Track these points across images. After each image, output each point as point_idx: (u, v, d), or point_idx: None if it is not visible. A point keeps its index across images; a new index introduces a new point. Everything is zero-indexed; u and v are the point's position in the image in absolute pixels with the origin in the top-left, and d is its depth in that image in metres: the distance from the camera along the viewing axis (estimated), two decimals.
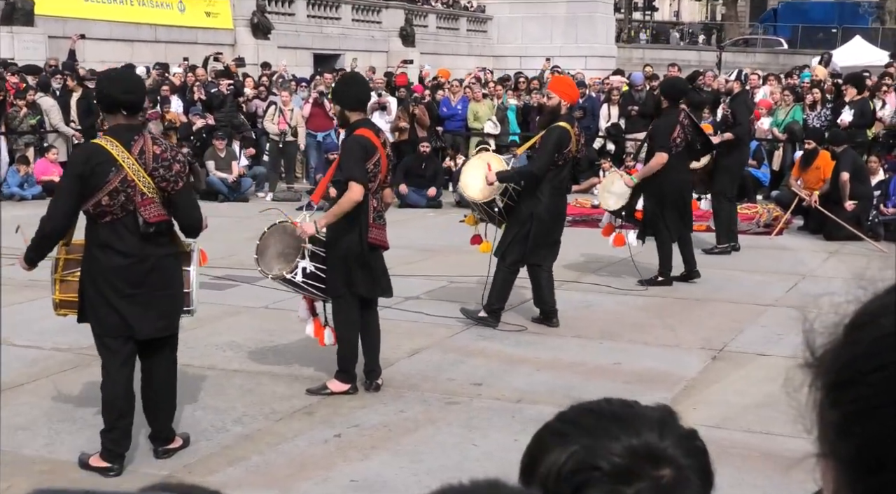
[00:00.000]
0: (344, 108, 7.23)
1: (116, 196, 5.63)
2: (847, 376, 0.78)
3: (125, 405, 5.91)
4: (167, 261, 5.92)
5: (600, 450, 1.22)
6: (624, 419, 1.26)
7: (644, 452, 1.22)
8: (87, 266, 5.81)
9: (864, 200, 14.06)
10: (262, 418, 6.79)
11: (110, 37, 25.27)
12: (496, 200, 8.90)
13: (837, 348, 0.80)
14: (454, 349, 8.42)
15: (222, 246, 10.94)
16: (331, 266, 7.13)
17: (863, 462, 0.76)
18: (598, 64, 34.64)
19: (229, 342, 8.56)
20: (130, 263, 5.74)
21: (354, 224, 7.04)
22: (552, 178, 8.84)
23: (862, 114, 16.97)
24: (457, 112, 20.12)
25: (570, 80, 11.06)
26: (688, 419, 4.62)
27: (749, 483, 5.59)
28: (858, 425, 0.76)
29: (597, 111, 20.23)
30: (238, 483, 5.76)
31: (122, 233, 5.72)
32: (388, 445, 6.30)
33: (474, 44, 38.25)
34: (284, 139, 18.56)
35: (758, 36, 49.77)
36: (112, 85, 5.83)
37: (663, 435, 1.24)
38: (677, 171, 10.77)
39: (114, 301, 5.75)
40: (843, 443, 0.78)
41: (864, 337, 0.78)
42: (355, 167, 6.96)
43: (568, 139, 8.86)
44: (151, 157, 5.70)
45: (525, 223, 8.85)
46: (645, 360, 8.12)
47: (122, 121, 5.76)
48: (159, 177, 5.72)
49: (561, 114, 8.97)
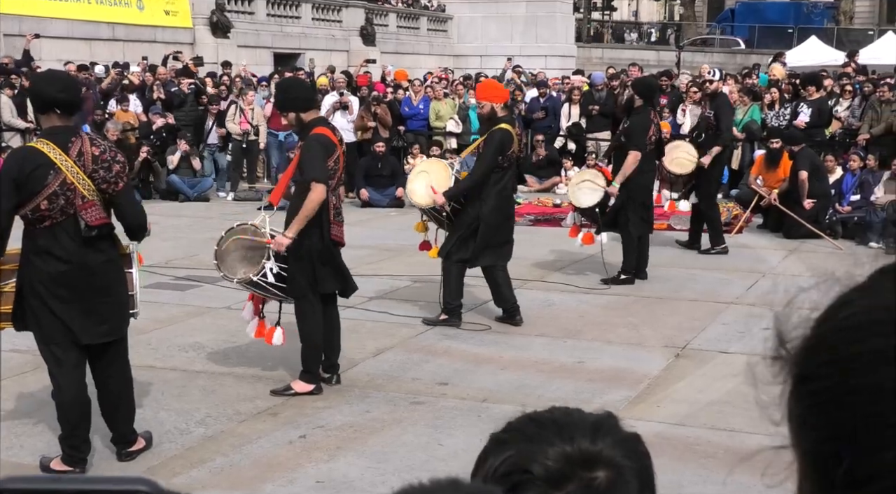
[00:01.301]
0: (297, 112, 7.18)
1: (56, 200, 5.48)
2: (808, 370, 0.80)
3: (79, 411, 5.82)
4: (108, 266, 5.77)
5: (534, 455, 1.25)
6: (561, 425, 1.29)
7: (576, 456, 1.25)
8: (26, 272, 5.64)
9: (823, 199, 14.21)
10: (226, 419, 6.76)
11: (68, 35, 24.98)
12: (444, 205, 8.94)
13: (805, 342, 0.82)
14: (419, 349, 8.42)
15: (184, 246, 10.88)
16: (294, 266, 7.10)
17: (820, 455, 0.78)
18: (559, 63, 34.74)
19: (192, 343, 8.51)
20: (70, 269, 5.59)
21: (315, 222, 7.03)
22: (497, 181, 8.86)
23: (819, 114, 17.14)
24: (418, 111, 20.11)
25: (495, 82, 11.00)
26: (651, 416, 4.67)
27: (713, 480, 5.64)
28: (815, 418, 0.78)
29: (558, 111, 20.29)
30: (202, 485, 5.73)
31: (61, 238, 5.56)
32: (354, 445, 6.29)
33: (435, 43, 38.24)
34: (247, 139, 18.49)
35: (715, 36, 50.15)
36: (46, 84, 5.66)
37: (597, 438, 1.27)
38: (647, 170, 10.86)
39: (55, 307, 5.61)
40: (804, 436, 0.80)
41: (824, 332, 0.80)
42: (317, 167, 6.95)
43: (510, 140, 8.89)
44: (90, 159, 5.55)
45: (471, 225, 8.87)
46: (608, 359, 8.16)
47: (56, 123, 5.58)
48: (99, 178, 5.58)
49: (498, 117, 8.97)
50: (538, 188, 18.96)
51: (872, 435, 0.73)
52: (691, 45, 45.54)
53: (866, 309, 0.77)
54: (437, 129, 19.87)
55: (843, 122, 17.65)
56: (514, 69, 27.03)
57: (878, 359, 0.74)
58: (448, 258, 8.97)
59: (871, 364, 0.74)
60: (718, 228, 12.86)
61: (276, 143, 18.94)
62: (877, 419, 0.73)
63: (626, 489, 1.26)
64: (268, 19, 31.34)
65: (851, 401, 0.75)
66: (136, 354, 6.76)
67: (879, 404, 0.73)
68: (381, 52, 32.56)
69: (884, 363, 0.74)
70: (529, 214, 15.77)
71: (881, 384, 0.73)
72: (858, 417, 0.74)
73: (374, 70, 25.77)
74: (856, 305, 0.79)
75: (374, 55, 30.30)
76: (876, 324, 0.75)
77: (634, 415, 6.72)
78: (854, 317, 0.78)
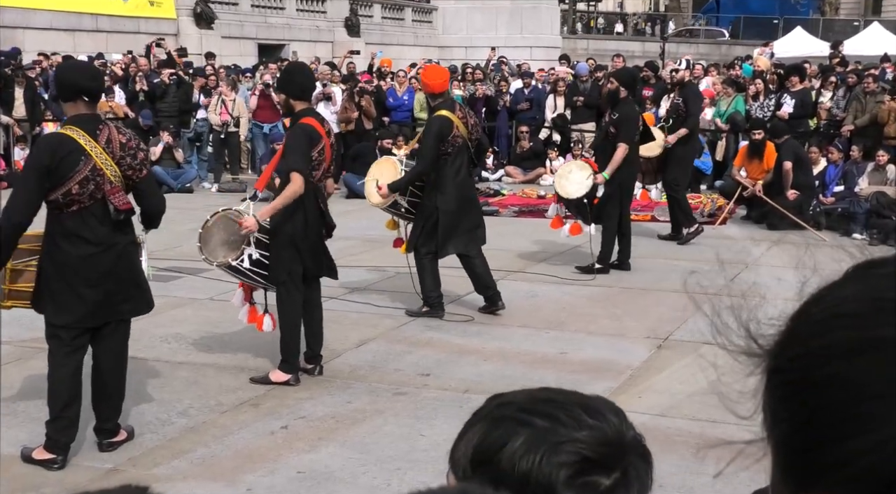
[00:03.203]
0: (289, 97, 7.25)
1: (86, 185, 5.64)
2: (780, 363, 0.82)
3: (71, 394, 5.85)
4: (131, 248, 5.98)
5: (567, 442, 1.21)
6: (554, 417, 1.24)
7: (614, 439, 1.22)
8: (51, 256, 5.76)
9: (806, 190, 14.26)
10: (208, 410, 6.75)
11: (51, 26, 24.87)
12: (398, 201, 8.93)
13: (780, 336, 0.84)
14: (401, 340, 8.42)
15: (167, 237, 10.82)
16: (275, 252, 7.14)
17: (790, 446, 0.80)
18: (544, 54, 34.75)
19: (174, 334, 8.49)
20: (100, 251, 5.76)
21: (298, 209, 7.06)
22: (448, 167, 8.81)
23: (803, 105, 17.18)
24: (403, 103, 20.09)
25: (435, 68, 10.71)
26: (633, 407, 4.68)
27: (694, 471, 5.65)
28: (785, 409, 0.80)
29: (543, 102, 20.30)
30: (183, 475, 5.73)
31: (90, 222, 5.72)
32: (336, 436, 6.29)
33: (420, 34, 38.19)
34: (227, 130, 18.46)
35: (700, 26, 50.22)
36: (74, 73, 5.87)
37: (621, 420, 1.26)
38: (632, 162, 10.88)
39: (81, 290, 5.74)
40: (776, 428, 0.82)
41: (796, 327, 0.82)
42: (299, 157, 6.98)
43: (449, 126, 8.80)
44: (118, 146, 5.74)
45: (431, 215, 8.86)
46: (590, 349, 8.18)
47: (83, 110, 5.75)
48: (126, 165, 5.77)
49: (433, 105, 8.94)
50: (522, 179, 18.98)
51: (837, 425, 0.75)
52: (676, 36, 45.60)
53: (835, 303, 0.79)
54: (421, 121, 19.84)
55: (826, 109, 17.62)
56: (499, 59, 27.01)
57: (842, 352, 0.76)
58: (417, 252, 8.97)
59: (835, 356, 0.76)
60: (687, 209, 12.95)
61: (260, 135, 18.93)
62: (840, 409, 0.75)
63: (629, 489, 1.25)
64: (252, 10, 31.26)
65: (817, 393, 0.77)
66: None
67: (842, 395, 0.75)
68: (366, 44, 32.49)
69: (847, 355, 0.75)
70: (513, 205, 15.79)
71: (843, 375, 0.75)
72: (824, 408, 0.76)
73: (359, 61, 25.72)
74: (827, 300, 0.81)
75: (358, 46, 30.25)
76: (842, 318, 0.77)
77: None
78: (823, 312, 0.80)
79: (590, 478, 1.19)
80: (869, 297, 0.77)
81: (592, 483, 1.20)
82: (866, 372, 0.74)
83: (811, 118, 17.62)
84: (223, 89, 18.72)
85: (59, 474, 5.71)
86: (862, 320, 0.76)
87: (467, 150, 9.05)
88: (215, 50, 25.03)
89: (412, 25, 38.46)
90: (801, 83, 17.52)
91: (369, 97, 19.03)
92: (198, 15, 28.40)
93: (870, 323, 0.76)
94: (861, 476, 0.73)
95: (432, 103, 8.97)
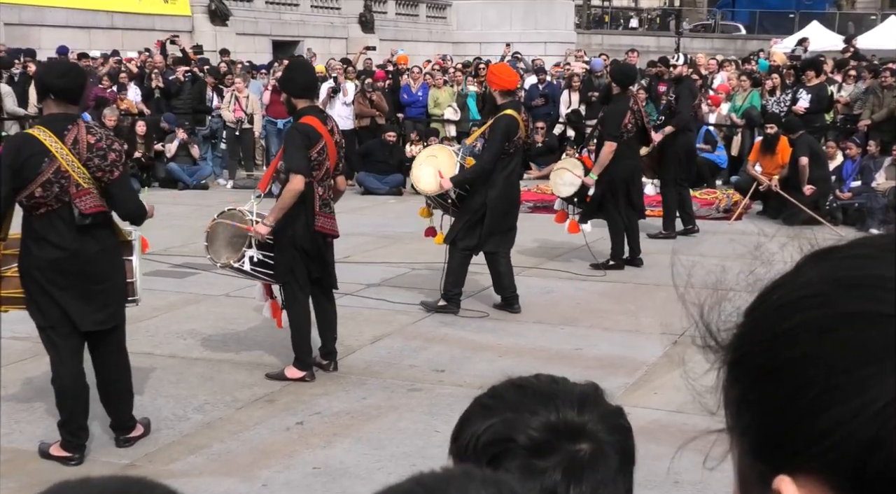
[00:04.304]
0: (290, 96, 7.17)
1: (50, 187, 5.50)
2: (744, 351, 0.85)
3: (77, 398, 5.85)
4: (104, 255, 5.80)
5: (518, 424, 1.26)
6: (546, 394, 1.29)
7: (562, 427, 1.25)
8: (23, 258, 5.69)
9: (823, 185, 14.20)
10: (223, 406, 6.77)
11: (67, 24, 24.95)
12: (449, 191, 8.91)
13: (739, 328, 0.87)
14: (416, 336, 8.42)
15: (182, 233, 10.88)
16: (277, 253, 7.13)
17: (759, 431, 0.82)
18: (558, 50, 34.62)
19: (190, 330, 8.52)
20: (65, 256, 5.62)
21: (300, 212, 7.01)
22: (503, 167, 8.84)
23: (819, 99, 17.10)
24: (417, 99, 20.10)
25: (504, 68, 10.80)
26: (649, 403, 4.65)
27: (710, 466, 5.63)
28: (753, 395, 0.83)
29: (557, 98, 20.27)
30: (199, 471, 5.74)
31: (57, 226, 5.59)
32: (351, 432, 6.30)
33: (434, 30, 38.16)
34: (241, 127, 18.49)
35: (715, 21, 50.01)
36: (45, 71, 5.76)
37: (583, 411, 1.28)
38: (628, 157, 10.82)
39: (53, 293, 5.66)
40: (742, 415, 0.84)
41: (758, 314, 0.86)
42: (296, 157, 6.91)
43: (516, 126, 8.84)
44: (85, 147, 5.55)
45: (478, 211, 8.86)
46: (605, 346, 8.17)
47: (54, 110, 5.60)
48: (94, 166, 5.59)
49: (499, 104, 8.93)
50: (537, 175, 18.95)
51: (812, 401, 0.77)
52: (691, 31, 45.44)
53: (796, 287, 0.83)
54: (435, 117, 19.86)
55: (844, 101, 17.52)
56: (513, 55, 26.98)
57: (811, 330, 0.79)
58: (454, 245, 8.96)
59: (799, 336, 0.80)
60: (671, 214, 12.91)
61: (274, 131, 18.94)
62: (813, 385, 0.77)
63: (607, 462, 1.26)
64: (266, 7, 31.28)
65: (788, 374, 0.79)
66: (134, 341, 6.78)
67: (814, 371, 0.77)
68: (380, 40, 32.49)
69: (816, 333, 0.78)
70: (528, 201, 15.76)
71: (814, 352, 0.78)
72: (797, 387, 0.79)
73: (375, 57, 25.71)
74: (787, 287, 0.84)
75: (373, 42, 30.24)
76: (807, 299, 0.81)
77: (632, 402, 6.73)
78: (786, 296, 0.83)
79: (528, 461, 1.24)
80: (831, 278, 0.81)
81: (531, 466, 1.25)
82: (836, 346, 0.77)
83: (827, 113, 17.54)
84: (238, 85, 18.74)
85: (76, 469, 5.73)
86: (827, 298, 0.80)
87: (523, 152, 9.10)
88: (230, 47, 25.09)
89: (426, 21, 38.42)
90: (816, 78, 17.44)
91: (380, 93, 19.05)
92: (212, 12, 28.44)
93: (835, 300, 0.79)
94: (841, 445, 0.75)
95: (499, 102, 8.93)
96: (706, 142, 17.18)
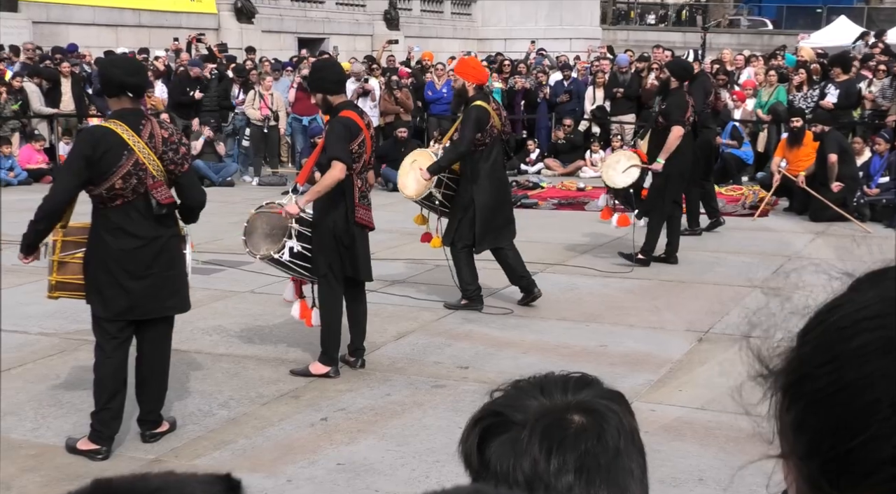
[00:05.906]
0: (325, 94, 7.26)
1: (129, 179, 5.71)
2: (800, 374, 0.84)
3: (117, 385, 5.93)
4: (174, 242, 6.04)
5: (514, 401, 1.30)
6: (542, 384, 1.32)
7: (558, 402, 1.27)
8: (96, 250, 5.84)
9: (850, 181, 14.10)
10: (249, 402, 6.80)
11: (94, 22, 25.13)
12: (433, 194, 8.92)
13: (791, 353, 0.87)
14: (440, 332, 8.44)
15: (208, 230, 10.91)
16: (316, 246, 7.19)
17: (817, 456, 0.81)
18: (583, 46, 34.52)
19: (215, 326, 8.56)
20: (142, 245, 5.84)
21: (340, 204, 7.10)
22: (485, 159, 8.83)
23: (847, 95, 16.97)
24: (442, 95, 20.09)
25: (475, 62, 10.66)
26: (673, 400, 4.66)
27: (734, 465, 5.62)
28: (812, 418, 0.82)
29: (582, 94, 20.22)
30: (224, 466, 5.75)
31: (133, 216, 5.80)
32: (375, 428, 6.32)
33: (458, 27, 38.15)
34: (267, 124, 18.55)
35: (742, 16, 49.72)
36: (117, 68, 5.90)
37: (578, 392, 1.30)
38: (683, 152, 10.77)
39: (125, 283, 5.82)
40: (801, 439, 0.83)
41: (813, 337, 0.84)
42: (338, 147, 7.03)
43: (487, 116, 8.81)
44: (161, 141, 5.80)
45: (467, 209, 8.87)
46: (630, 342, 8.15)
47: (127, 105, 5.83)
48: (168, 159, 5.84)
49: (470, 96, 8.92)
50: (562, 171, 18.93)
51: (868, 427, 0.76)
52: (717, 27, 45.21)
53: (857, 309, 0.81)
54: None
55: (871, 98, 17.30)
56: (538, 52, 26.94)
57: (868, 353, 0.78)
58: (454, 246, 8.98)
59: (861, 358, 0.78)
60: (695, 212, 12.78)
61: (300, 128, 19.02)
62: (871, 410, 0.76)
63: (602, 435, 1.25)
64: (292, 4, 31.38)
65: (846, 396, 0.78)
66: None
67: (872, 395, 0.76)
68: (405, 37, 32.52)
69: (881, 353, 0.77)
70: (552, 198, 15.75)
71: (871, 376, 0.76)
72: (853, 411, 0.77)
73: (398, 53, 25.74)
74: (846, 308, 0.83)
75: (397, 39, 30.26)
76: (869, 320, 0.79)
77: (656, 399, 6.73)
78: (847, 318, 0.82)
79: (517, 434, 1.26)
80: (892, 298, 0.80)
81: (518, 439, 1.26)
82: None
83: (855, 109, 17.40)
84: (267, 82, 18.79)
85: (102, 464, 5.78)
86: (890, 318, 0.78)
87: (502, 143, 9.09)
88: (255, 44, 25.19)
89: (451, 18, 38.42)
90: (844, 74, 17.31)
91: (406, 90, 19.06)
92: (238, 10, 28.55)
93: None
94: None
95: (469, 94, 8.95)
96: (732, 137, 17.10)
